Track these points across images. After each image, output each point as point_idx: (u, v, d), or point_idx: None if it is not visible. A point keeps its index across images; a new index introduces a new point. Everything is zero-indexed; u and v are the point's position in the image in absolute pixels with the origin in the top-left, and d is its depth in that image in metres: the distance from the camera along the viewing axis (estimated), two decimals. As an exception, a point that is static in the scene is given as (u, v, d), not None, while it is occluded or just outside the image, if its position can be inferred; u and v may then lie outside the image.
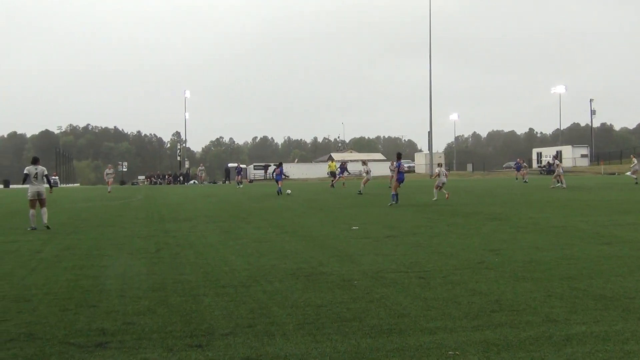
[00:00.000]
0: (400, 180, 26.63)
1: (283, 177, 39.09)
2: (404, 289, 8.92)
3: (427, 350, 6.10)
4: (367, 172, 39.22)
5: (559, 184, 40.11)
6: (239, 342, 6.45)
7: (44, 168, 18.99)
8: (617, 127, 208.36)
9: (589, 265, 10.61)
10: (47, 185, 18.77)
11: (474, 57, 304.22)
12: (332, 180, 49.32)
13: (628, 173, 44.02)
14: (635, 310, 7.44)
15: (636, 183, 40.90)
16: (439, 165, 33.17)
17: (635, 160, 43.08)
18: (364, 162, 42.36)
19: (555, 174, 42.34)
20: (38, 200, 18.61)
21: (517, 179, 56.68)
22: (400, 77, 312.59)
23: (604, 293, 8.40)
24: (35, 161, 18.92)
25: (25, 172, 18.67)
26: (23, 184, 19.08)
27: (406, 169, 51.03)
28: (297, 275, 10.12)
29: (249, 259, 12.09)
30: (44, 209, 18.65)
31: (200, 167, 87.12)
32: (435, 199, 28.15)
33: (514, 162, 63.87)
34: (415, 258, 11.70)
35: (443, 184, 28.75)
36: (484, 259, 11.40)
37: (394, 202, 25.76)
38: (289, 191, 38.21)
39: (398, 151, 34.72)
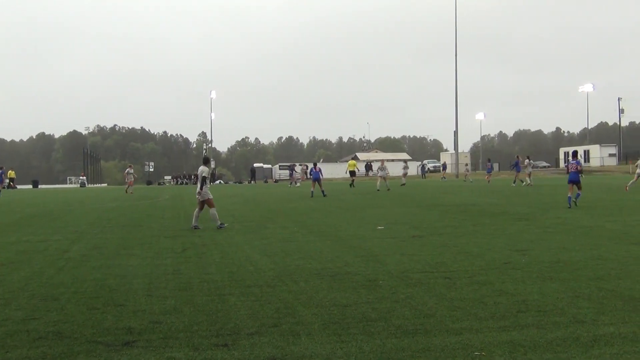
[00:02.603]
0: (573, 180, 23.87)
1: (321, 176, 36.14)
2: (429, 289, 8.89)
3: (452, 350, 6.07)
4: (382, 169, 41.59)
5: (524, 183, 43.21)
6: (265, 341, 6.47)
7: (205, 169, 18.59)
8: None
9: (617, 265, 10.49)
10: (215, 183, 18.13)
11: (501, 56, 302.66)
12: (352, 180, 48.90)
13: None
14: (665, 312, 7.34)
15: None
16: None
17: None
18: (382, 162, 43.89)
19: (527, 172, 45.39)
20: (205, 202, 18.40)
21: (514, 182, 47.19)
22: (427, 76, 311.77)
23: (632, 294, 8.30)
24: (205, 161, 19.03)
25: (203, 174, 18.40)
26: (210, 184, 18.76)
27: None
28: (322, 275, 10.12)
29: (274, 258, 12.12)
30: (212, 210, 18.42)
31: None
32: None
33: (514, 162, 49.88)
34: (441, 258, 11.65)
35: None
36: (511, 259, 11.32)
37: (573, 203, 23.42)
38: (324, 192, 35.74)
39: (574, 149, 32.26)
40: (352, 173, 50.11)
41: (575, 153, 26.51)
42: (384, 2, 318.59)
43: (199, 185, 18.40)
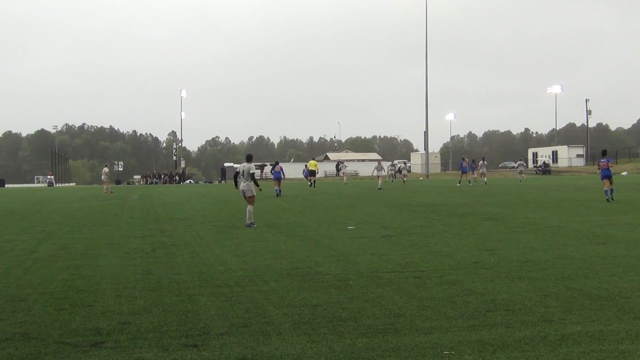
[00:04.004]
0: (606, 176, 26.22)
1: (282, 176, 36.61)
2: (399, 288, 8.92)
3: (422, 349, 6.10)
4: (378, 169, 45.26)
5: (482, 182, 47.38)
6: (235, 341, 6.45)
7: (252, 166, 18.52)
8: (612, 127, 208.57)
9: (584, 265, 10.63)
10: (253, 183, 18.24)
11: (470, 58, 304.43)
12: (311, 179, 49.44)
13: None
14: (630, 310, 7.45)
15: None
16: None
17: None
18: (379, 162, 48.18)
19: (481, 172, 49.85)
20: (245, 198, 18.44)
21: (459, 182, 48.87)
22: (397, 78, 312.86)
23: (599, 293, 8.41)
24: (248, 159, 19.00)
25: (236, 169, 18.77)
26: (235, 179, 19.02)
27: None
28: (293, 275, 10.12)
29: (244, 258, 12.09)
30: (250, 207, 18.32)
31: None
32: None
33: (461, 163, 51.72)
34: (411, 258, 11.70)
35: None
36: (480, 259, 11.41)
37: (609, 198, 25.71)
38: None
39: (604, 148, 33.89)
40: (312, 173, 50.33)
41: (604, 152, 28.64)
42: (355, 4, 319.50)
43: (246, 181, 18.24)
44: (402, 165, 64.03)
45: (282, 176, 36.51)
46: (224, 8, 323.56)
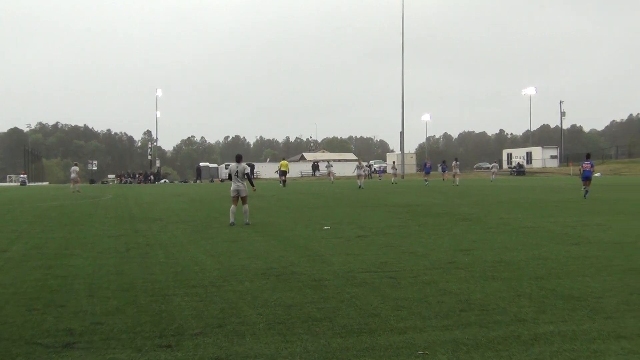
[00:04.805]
0: (587, 177, 29.51)
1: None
2: (374, 288, 8.94)
3: (397, 349, 6.12)
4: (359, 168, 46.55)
5: (455, 182, 49.59)
6: (209, 342, 6.42)
7: (246, 166, 18.78)
8: (586, 129, 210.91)
9: (557, 265, 10.72)
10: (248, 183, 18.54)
11: (446, 59, 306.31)
12: (282, 179, 49.95)
13: None
14: (602, 310, 7.53)
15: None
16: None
17: None
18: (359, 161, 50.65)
19: (453, 172, 52.37)
20: (240, 198, 18.53)
21: (426, 181, 52.80)
22: (374, 78, 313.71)
23: (572, 293, 8.49)
24: (238, 159, 19.04)
25: (228, 170, 18.65)
26: (229, 179, 19.18)
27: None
28: (267, 275, 10.09)
29: (219, 258, 12.04)
30: (245, 207, 18.53)
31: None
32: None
33: (423, 163, 58.05)
34: (386, 258, 11.73)
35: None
36: (454, 259, 11.46)
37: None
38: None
39: (586, 152, 36.76)
40: (283, 173, 50.59)
41: (588, 155, 31.35)
42: (331, 4, 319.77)
43: (242, 181, 18.41)
44: (392, 164, 66.76)
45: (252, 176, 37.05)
46: (202, 8, 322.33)
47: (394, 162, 66.84)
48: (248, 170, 18.70)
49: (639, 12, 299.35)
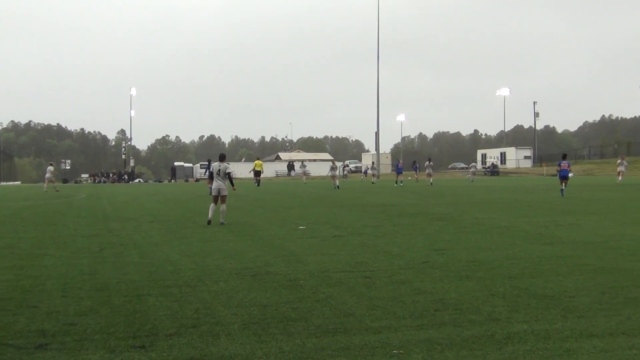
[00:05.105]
0: (563, 176, 31.72)
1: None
2: (349, 288, 8.95)
3: (372, 349, 6.13)
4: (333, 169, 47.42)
5: (428, 182, 50.61)
6: (183, 342, 6.39)
7: (228, 165, 18.99)
8: (559, 130, 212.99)
9: (530, 265, 10.81)
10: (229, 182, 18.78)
11: (422, 60, 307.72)
12: (257, 179, 50.13)
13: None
14: (575, 309, 7.60)
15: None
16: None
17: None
18: (333, 162, 51.35)
19: (427, 172, 52.92)
20: (219, 197, 18.62)
21: (397, 183, 52.59)
22: (349, 78, 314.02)
23: (545, 292, 8.56)
24: (221, 158, 19.18)
25: (210, 169, 19.07)
26: (210, 178, 19.70)
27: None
28: (243, 275, 10.07)
29: (194, 258, 11.99)
30: (223, 207, 18.62)
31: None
32: None
33: (396, 163, 60.09)
34: (361, 258, 11.75)
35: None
36: (429, 259, 11.52)
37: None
38: None
39: (564, 152, 38.55)
40: (257, 173, 50.67)
41: (564, 155, 33.71)
42: (307, 4, 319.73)
43: (223, 180, 18.58)
44: (371, 165, 67.38)
45: None
46: (176, 6, 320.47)
47: (373, 163, 67.25)
48: (230, 169, 18.92)
49: (612, 16, 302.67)
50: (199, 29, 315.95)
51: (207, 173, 18.89)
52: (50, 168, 47.12)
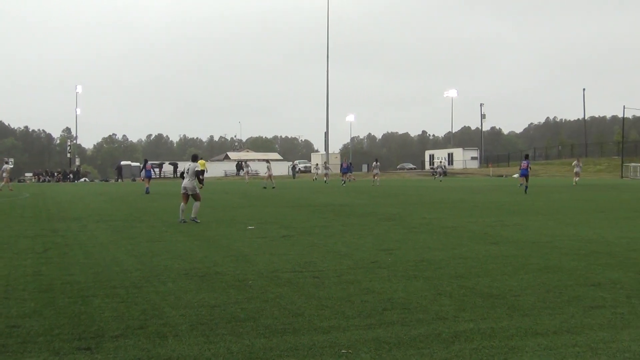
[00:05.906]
0: (523, 174, 35.11)
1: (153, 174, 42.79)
2: (298, 288, 8.95)
3: (320, 349, 6.14)
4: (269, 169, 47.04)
5: (375, 183, 51.67)
6: (130, 344, 6.30)
7: (197, 164, 19.82)
8: (505, 131, 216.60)
9: (477, 264, 10.96)
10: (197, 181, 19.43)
11: (370, 61, 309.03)
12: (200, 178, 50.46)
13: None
14: (520, 308, 7.73)
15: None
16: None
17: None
18: (268, 161, 50.74)
19: (373, 173, 54.04)
20: (191, 195, 19.14)
21: (344, 183, 54.06)
22: (299, 78, 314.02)
23: (491, 291, 8.69)
24: (194, 159, 20.42)
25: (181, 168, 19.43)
26: (181, 177, 20.38)
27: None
28: (191, 276, 9.99)
29: (141, 259, 11.84)
30: (197, 203, 19.16)
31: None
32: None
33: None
34: (310, 258, 11.77)
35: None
36: (378, 259, 11.59)
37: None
38: None
39: (526, 152, 41.75)
40: (201, 172, 50.94)
41: (527, 155, 37.07)
42: (256, 4, 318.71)
43: (190, 179, 19.27)
44: (323, 165, 67.67)
45: (153, 174, 42.51)
46: (125, 3, 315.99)
47: (325, 163, 67.20)
48: (198, 168, 19.67)
49: (557, 20, 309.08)
50: (147, 27, 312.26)
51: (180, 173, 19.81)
52: (7, 167, 45.02)
